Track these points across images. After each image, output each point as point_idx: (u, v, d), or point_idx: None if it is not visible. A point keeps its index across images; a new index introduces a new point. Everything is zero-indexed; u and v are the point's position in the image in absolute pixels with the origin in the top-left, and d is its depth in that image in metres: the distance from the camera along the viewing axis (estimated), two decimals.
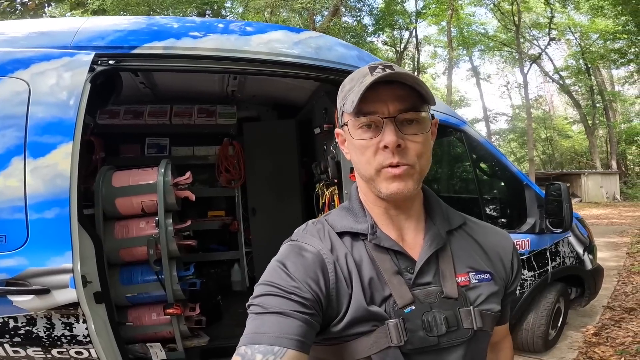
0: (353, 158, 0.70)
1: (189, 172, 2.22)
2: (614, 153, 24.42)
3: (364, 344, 0.63)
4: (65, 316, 1.39)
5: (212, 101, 3.50)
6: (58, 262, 1.37)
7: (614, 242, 7.77)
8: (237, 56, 1.89)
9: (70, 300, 1.35)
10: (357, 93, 0.63)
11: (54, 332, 1.40)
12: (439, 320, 0.64)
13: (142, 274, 2.04)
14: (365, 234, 0.69)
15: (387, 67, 0.66)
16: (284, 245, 0.71)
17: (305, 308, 0.59)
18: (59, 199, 1.41)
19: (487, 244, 0.76)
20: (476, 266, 0.71)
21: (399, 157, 0.64)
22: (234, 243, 3.78)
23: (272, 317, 0.58)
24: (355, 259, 0.67)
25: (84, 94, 1.54)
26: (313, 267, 0.64)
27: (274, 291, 0.60)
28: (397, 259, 0.67)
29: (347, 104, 0.65)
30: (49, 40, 1.63)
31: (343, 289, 0.64)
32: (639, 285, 4.61)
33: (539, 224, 2.74)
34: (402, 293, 0.64)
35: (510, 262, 0.76)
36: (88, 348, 1.41)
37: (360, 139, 0.66)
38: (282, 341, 0.55)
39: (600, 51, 20.22)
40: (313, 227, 0.72)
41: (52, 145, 1.46)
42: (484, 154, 2.93)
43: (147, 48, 1.73)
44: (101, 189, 2.04)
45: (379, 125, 0.64)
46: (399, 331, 0.62)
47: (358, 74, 0.68)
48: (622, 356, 2.76)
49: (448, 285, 0.67)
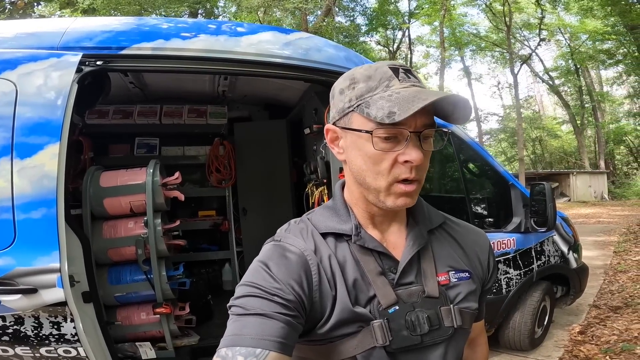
0: (357, 163, 0.66)
1: (178, 173, 2.23)
2: (602, 153, 24.81)
3: (349, 344, 0.64)
4: (53, 315, 1.39)
5: (202, 101, 3.50)
6: (45, 261, 1.37)
7: (601, 240, 7.87)
8: (226, 57, 1.90)
9: (57, 299, 1.36)
10: (397, 104, 0.58)
11: (42, 331, 1.40)
12: (421, 319, 0.64)
13: (131, 274, 2.05)
14: (349, 234, 0.68)
15: (407, 71, 0.64)
16: (266, 245, 0.69)
17: (288, 310, 0.59)
18: (46, 200, 1.42)
19: (466, 242, 0.77)
20: (456, 265, 0.72)
21: (415, 172, 0.63)
22: (224, 243, 3.78)
23: (254, 318, 0.57)
24: (339, 260, 0.67)
25: (71, 94, 1.54)
26: (296, 268, 0.63)
27: (256, 292, 0.59)
28: (380, 260, 0.68)
29: (373, 110, 0.60)
30: (36, 41, 1.62)
31: (326, 291, 0.64)
32: (625, 284, 4.66)
33: (524, 223, 2.79)
34: (386, 293, 0.65)
35: (487, 260, 0.78)
36: (76, 347, 1.42)
37: (379, 149, 0.62)
38: (264, 343, 0.55)
39: (589, 52, 20.51)
40: (296, 227, 0.72)
41: (39, 145, 1.46)
42: (471, 154, 2.98)
43: (136, 49, 1.74)
44: (89, 189, 2.04)
45: (398, 138, 0.62)
46: (384, 331, 0.63)
47: (377, 73, 0.63)
48: (607, 354, 2.79)
49: (430, 284, 0.68)
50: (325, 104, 2.53)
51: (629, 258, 6.06)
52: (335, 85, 0.69)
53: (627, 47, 14.66)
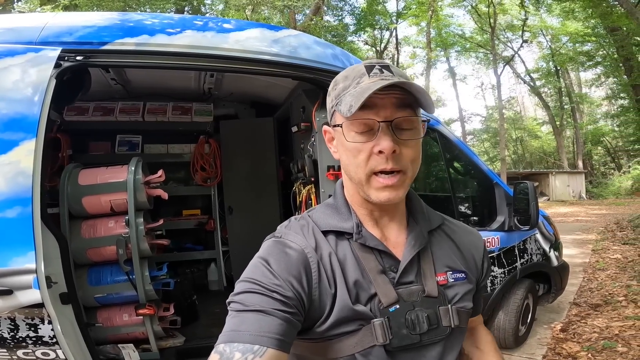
0: (343, 159, 0.68)
1: (162, 170, 2.18)
2: (580, 153, 25.59)
3: (349, 342, 0.63)
4: (30, 317, 1.34)
5: (187, 98, 3.44)
6: (20, 262, 1.31)
7: (579, 239, 8.08)
8: (213, 53, 1.86)
9: (34, 301, 1.30)
10: (354, 96, 0.61)
11: (19, 333, 1.35)
12: (421, 318, 0.65)
13: (112, 274, 1.99)
14: (350, 232, 0.68)
15: (384, 67, 0.65)
16: (267, 242, 0.69)
17: (287, 307, 0.59)
18: (21, 198, 1.36)
19: (462, 243, 0.78)
20: (453, 266, 0.73)
21: (393, 162, 0.63)
22: (210, 242, 3.73)
23: (252, 315, 0.57)
24: (340, 258, 0.66)
25: (48, 90, 1.48)
26: (296, 265, 0.63)
27: (256, 288, 0.59)
28: (381, 258, 0.68)
29: (342, 106, 0.63)
30: (14, 36, 1.57)
31: (326, 289, 0.64)
32: (604, 281, 4.78)
33: (508, 222, 2.84)
34: (387, 292, 0.65)
35: (481, 260, 0.79)
36: (55, 349, 1.38)
37: (354, 142, 0.64)
38: (262, 340, 0.54)
39: (570, 54, 21.10)
40: (297, 224, 0.71)
41: (14, 142, 1.40)
42: (457, 153, 3.01)
43: (119, 44, 1.69)
44: (67, 187, 1.97)
45: (373, 129, 0.63)
46: (384, 330, 0.63)
47: (353, 72, 0.66)
48: (589, 352, 2.85)
49: (429, 284, 0.68)
50: (312, 102, 2.51)
51: (607, 256, 6.24)
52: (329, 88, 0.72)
53: (606, 49, 15.10)
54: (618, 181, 23.65)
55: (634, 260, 5.69)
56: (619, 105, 18.98)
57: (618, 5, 9.19)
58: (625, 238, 7.54)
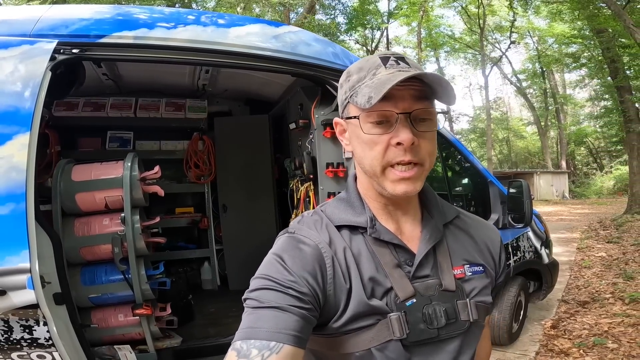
0: (358, 152, 0.67)
1: (158, 167, 2.12)
2: (564, 153, 26.20)
3: (365, 337, 0.63)
4: (24, 319, 1.29)
5: (181, 95, 3.37)
6: (14, 261, 1.25)
7: (564, 237, 8.28)
8: (212, 48, 1.83)
9: (28, 301, 1.25)
10: (373, 88, 0.60)
11: (13, 335, 1.30)
12: (438, 312, 0.64)
13: (107, 274, 1.92)
14: (364, 227, 0.68)
15: (400, 58, 0.64)
16: (280, 237, 0.69)
17: (303, 303, 0.58)
18: (14, 194, 1.30)
19: (479, 237, 0.77)
20: (470, 259, 0.72)
21: (411, 154, 0.62)
22: (203, 241, 3.67)
23: (268, 311, 0.57)
24: (354, 252, 0.66)
25: (43, 83, 1.43)
26: (311, 261, 0.62)
27: (271, 285, 0.59)
28: (396, 252, 0.67)
29: (358, 97, 0.62)
30: (7, 28, 1.52)
31: (341, 284, 0.63)
32: (590, 279, 4.89)
33: (502, 220, 2.87)
34: (404, 286, 0.64)
35: (498, 255, 0.78)
36: (51, 351, 1.32)
37: (370, 134, 0.63)
38: (279, 336, 0.54)
39: (555, 55, 21.52)
40: (310, 219, 0.71)
41: (7, 136, 1.34)
42: (454, 152, 3.03)
43: (116, 37, 1.64)
44: (59, 183, 1.90)
45: (390, 121, 0.62)
46: (401, 324, 0.62)
47: (368, 63, 0.65)
48: (580, 348, 2.90)
49: (446, 278, 0.67)
50: (311, 99, 2.49)
51: (592, 254, 6.40)
52: (340, 80, 0.71)
53: (591, 51, 15.44)
54: (600, 181, 24.31)
55: (619, 258, 5.85)
56: (602, 107, 19.41)
57: (605, 7, 9.39)
58: (609, 237, 7.75)
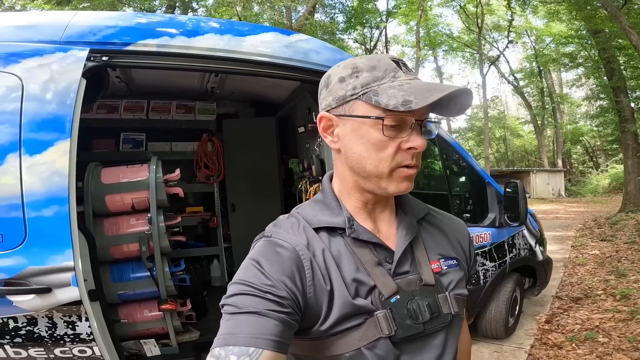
0: (357, 150, 0.66)
1: (178, 170, 2.23)
2: (560, 152, 26.39)
3: (354, 337, 0.63)
4: (68, 315, 1.38)
5: (190, 97, 3.46)
6: (59, 260, 1.36)
7: (559, 235, 8.38)
8: (229, 56, 1.91)
9: (73, 298, 1.35)
10: (412, 93, 0.60)
11: (57, 331, 1.39)
12: (422, 307, 0.65)
13: (133, 271, 2.04)
14: (342, 227, 0.68)
15: (404, 64, 0.66)
16: (257, 242, 0.68)
17: (282, 307, 0.58)
18: (57, 197, 1.40)
19: (449, 231, 0.79)
20: (444, 253, 0.74)
21: (416, 159, 0.65)
22: (212, 239, 3.78)
23: (246, 317, 0.56)
24: (334, 254, 0.66)
25: (80, 90, 1.51)
26: (289, 264, 0.62)
27: (248, 290, 0.58)
28: (375, 251, 0.68)
29: (382, 98, 0.61)
30: (36, 34, 1.57)
31: (321, 286, 0.63)
32: (583, 276, 5.03)
33: (499, 218, 2.99)
34: (386, 283, 0.65)
35: (468, 247, 0.80)
36: (91, 346, 1.42)
37: (385, 136, 0.63)
38: (257, 342, 0.54)
39: (553, 54, 21.64)
40: (286, 222, 0.71)
41: (49, 142, 1.43)
42: (452, 154, 3.15)
43: (141, 45, 1.71)
44: (90, 185, 2.00)
45: (403, 126, 0.63)
46: (389, 321, 0.63)
47: (381, 64, 0.64)
48: (573, 342, 3.03)
49: (425, 272, 0.68)
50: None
51: (585, 252, 6.54)
52: (332, 73, 0.68)
53: (587, 51, 15.55)
54: (596, 180, 24.52)
55: (611, 256, 5.98)
56: (598, 106, 19.62)
57: (602, 8, 9.50)
58: (603, 235, 7.88)
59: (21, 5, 9.00)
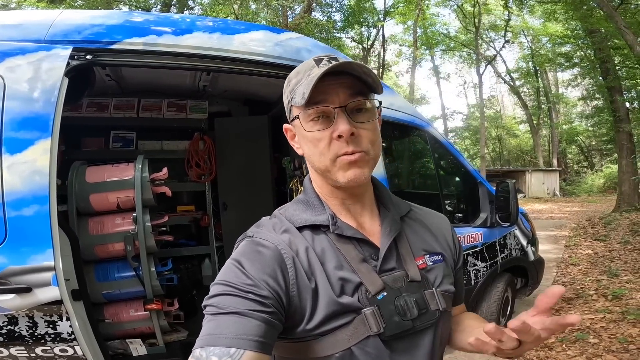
0: (306, 151, 0.69)
1: (165, 168, 2.22)
2: (555, 152, 26.53)
3: (343, 336, 0.62)
4: (48, 314, 1.37)
5: (181, 95, 3.43)
6: (39, 259, 1.35)
7: (553, 235, 8.42)
8: (218, 55, 1.90)
9: (53, 298, 1.34)
10: (306, 85, 0.62)
11: (37, 330, 1.38)
12: (410, 303, 0.64)
13: (119, 271, 2.02)
14: (326, 225, 0.68)
15: (332, 59, 0.66)
16: (239, 242, 0.69)
17: (264, 307, 0.57)
18: (38, 196, 1.39)
19: (433, 226, 0.79)
20: (429, 249, 0.74)
21: (354, 145, 0.64)
22: (203, 238, 3.76)
23: (228, 317, 0.55)
24: (317, 252, 0.66)
25: (61, 89, 1.51)
26: (271, 263, 0.62)
27: (230, 290, 0.58)
28: (360, 247, 0.67)
29: (296, 97, 0.64)
30: (21, 33, 1.57)
31: (304, 284, 0.62)
32: (576, 276, 5.05)
33: (490, 219, 2.99)
34: (373, 280, 0.64)
35: (452, 240, 0.80)
36: (73, 345, 1.41)
37: (313, 131, 0.65)
38: (239, 342, 0.53)
39: (549, 54, 21.73)
40: (269, 222, 0.71)
41: (30, 141, 1.42)
42: (445, 154, 3.15)
43: (127, 44, 1.71)
44: (74, 184, 1.98)
45: (329, 116, 0.64)
46: (377, 318, 0.62)
47: (304, 67, 0.68)
48: (563, 343, 3.05)
49: (411, 269, 0.68)
50: None
51: (579, 252, 6.57)
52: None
53: (583, 51, 15.63)
54: (590, 179, 24.65)
55: (604, 256, 6.01)
56: (594, 106, 19.73)
57: (598, 8, 9.54)
58: (597, 234, 7.93)
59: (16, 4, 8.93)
